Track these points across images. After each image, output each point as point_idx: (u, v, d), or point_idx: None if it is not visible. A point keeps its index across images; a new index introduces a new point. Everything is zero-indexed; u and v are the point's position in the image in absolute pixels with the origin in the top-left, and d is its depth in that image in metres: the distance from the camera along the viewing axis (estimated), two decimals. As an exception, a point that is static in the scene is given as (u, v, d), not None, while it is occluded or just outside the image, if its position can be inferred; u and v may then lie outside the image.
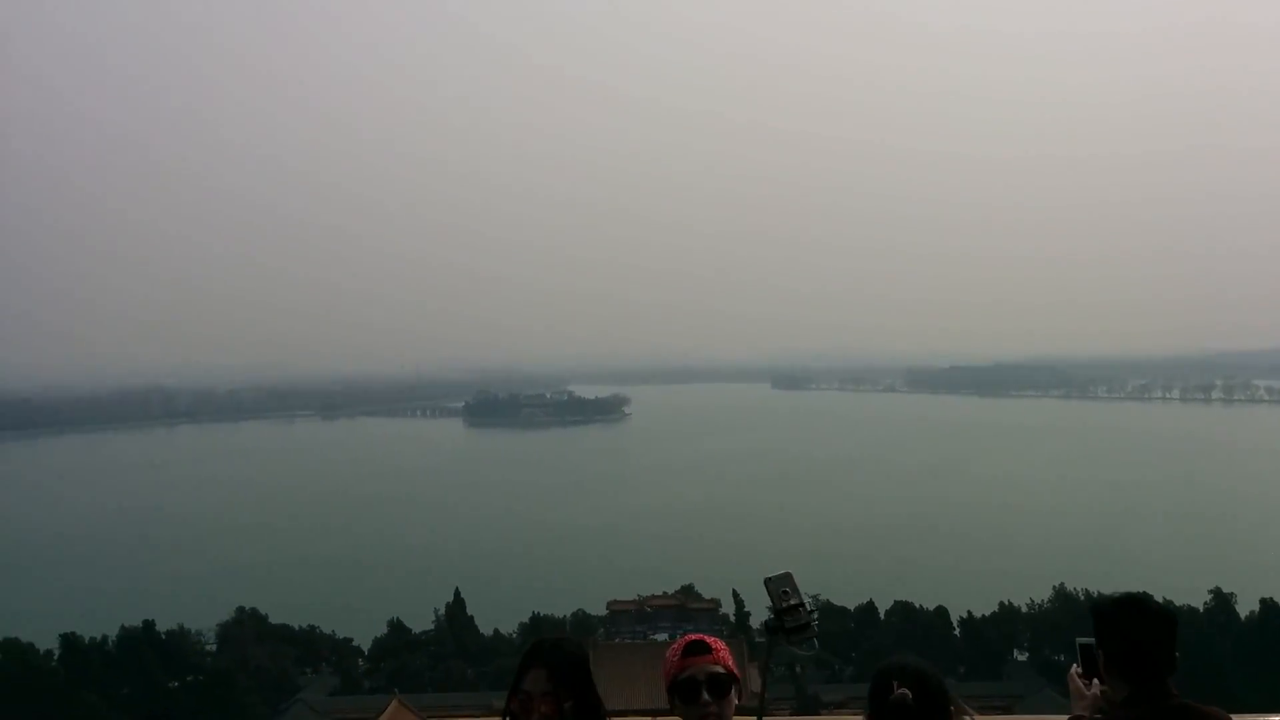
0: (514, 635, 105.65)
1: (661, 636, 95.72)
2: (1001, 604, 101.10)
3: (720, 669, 5.55)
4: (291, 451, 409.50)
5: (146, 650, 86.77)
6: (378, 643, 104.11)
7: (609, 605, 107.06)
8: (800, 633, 6.12)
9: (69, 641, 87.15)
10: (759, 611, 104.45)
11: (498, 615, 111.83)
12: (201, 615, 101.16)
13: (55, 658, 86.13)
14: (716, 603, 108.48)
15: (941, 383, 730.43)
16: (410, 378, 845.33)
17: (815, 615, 6.26)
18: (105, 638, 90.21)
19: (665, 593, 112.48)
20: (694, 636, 5.75)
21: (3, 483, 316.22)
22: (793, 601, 6.12)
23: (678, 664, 5.59)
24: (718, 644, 5.68)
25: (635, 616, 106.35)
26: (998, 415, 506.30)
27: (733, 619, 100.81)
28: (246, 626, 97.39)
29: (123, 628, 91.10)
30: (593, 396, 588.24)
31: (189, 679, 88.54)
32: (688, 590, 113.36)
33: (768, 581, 6.20)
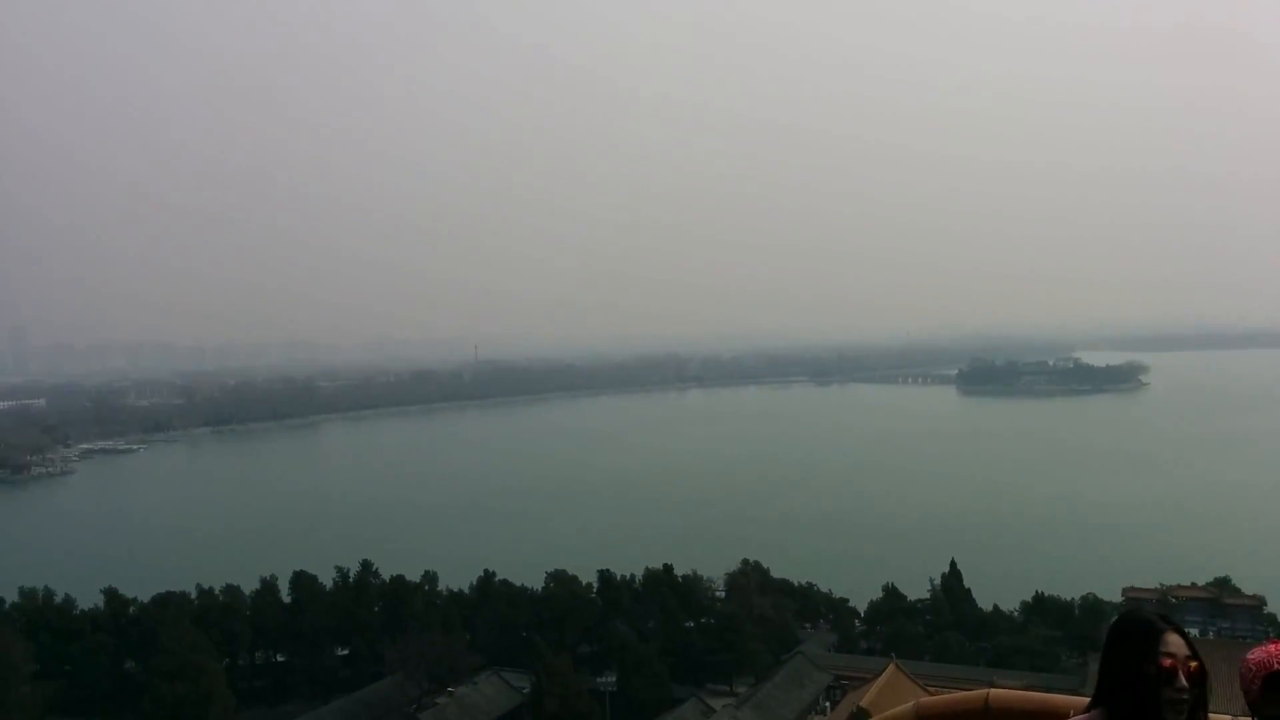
0: (1015, 613, 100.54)
1: (1191, 632, 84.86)
2: None
3: None
4: (785, 415, 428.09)
5: (666, 591, 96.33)
6: (873, 606, 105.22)
7: (1125, 592, 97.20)
8: None
9: (604, 576, 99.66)
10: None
11: (996, 591, 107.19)
12: (711, 564, 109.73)
13: (594, 589, 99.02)
14: (1260, 600, 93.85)
15: None
16: (902, 345, 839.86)
17: None
18: (633, 576, 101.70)
19: (1194, 584, 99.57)
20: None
21: (559, 434, 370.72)
22: None
23: (1256, 694, 4.89)
24: None
25: (1157, 607, 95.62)
26: None
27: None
28: (751, 578, 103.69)
29: (647, 569, 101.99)
30: (1103, 364, 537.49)
31: (702, 620, 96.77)
32: (1222, 583, 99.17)
33: None
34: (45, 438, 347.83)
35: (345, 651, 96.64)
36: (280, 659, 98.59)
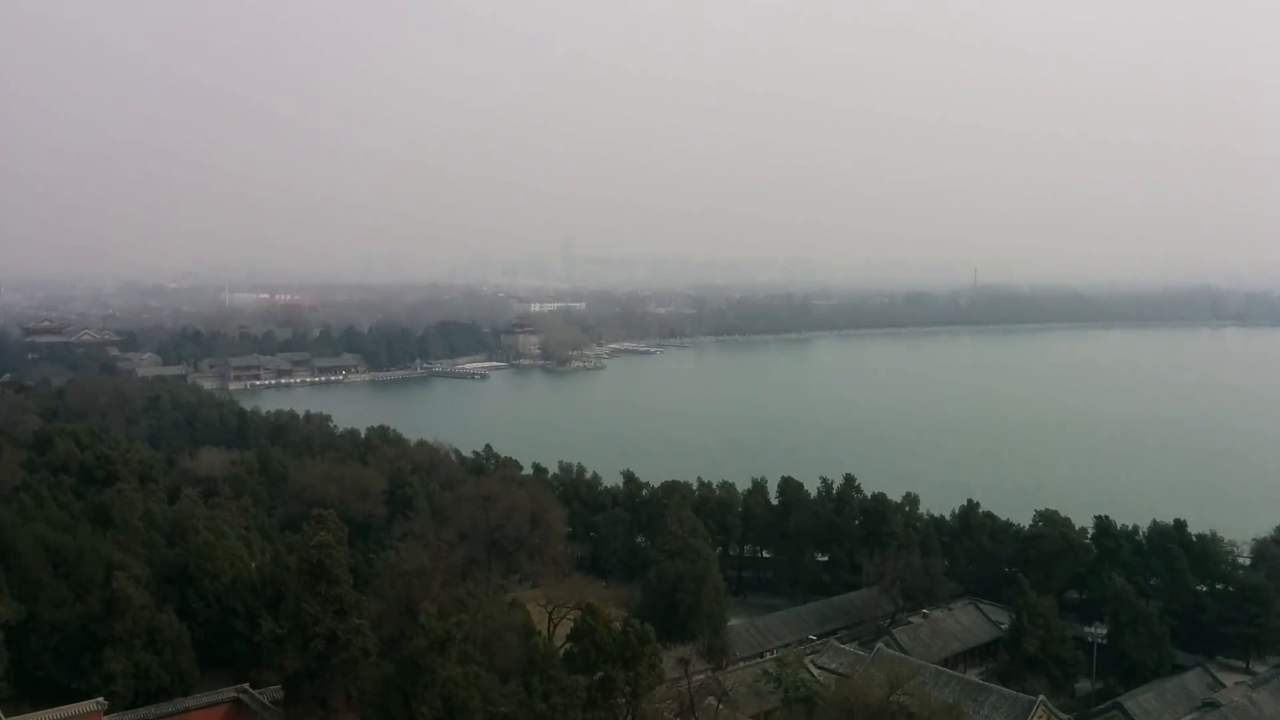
0: None
1: None
2: None
3: None
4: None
5: (1175, 549, 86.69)
6: None
7: None
8: None
9: (1102, 523, 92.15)
10: None
11: None
12: (1235, 526, 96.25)
13: (1088, 535, 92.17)
14: None
15: None
16: None
17: None
18: (1135, 527, 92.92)
19: None
20: None
21: (1059, 368, 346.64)
22: None
23: None
24: None
25: None
26: None
27: None
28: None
29: (1154, 522, 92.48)
30: None
31: (1217, 586, 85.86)
32: None
33: None
34: (584, 336, 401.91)
35: (825, 558, 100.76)
36: (766, 555, 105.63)
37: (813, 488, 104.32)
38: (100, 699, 50.75)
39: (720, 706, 51.74)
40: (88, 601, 57.27)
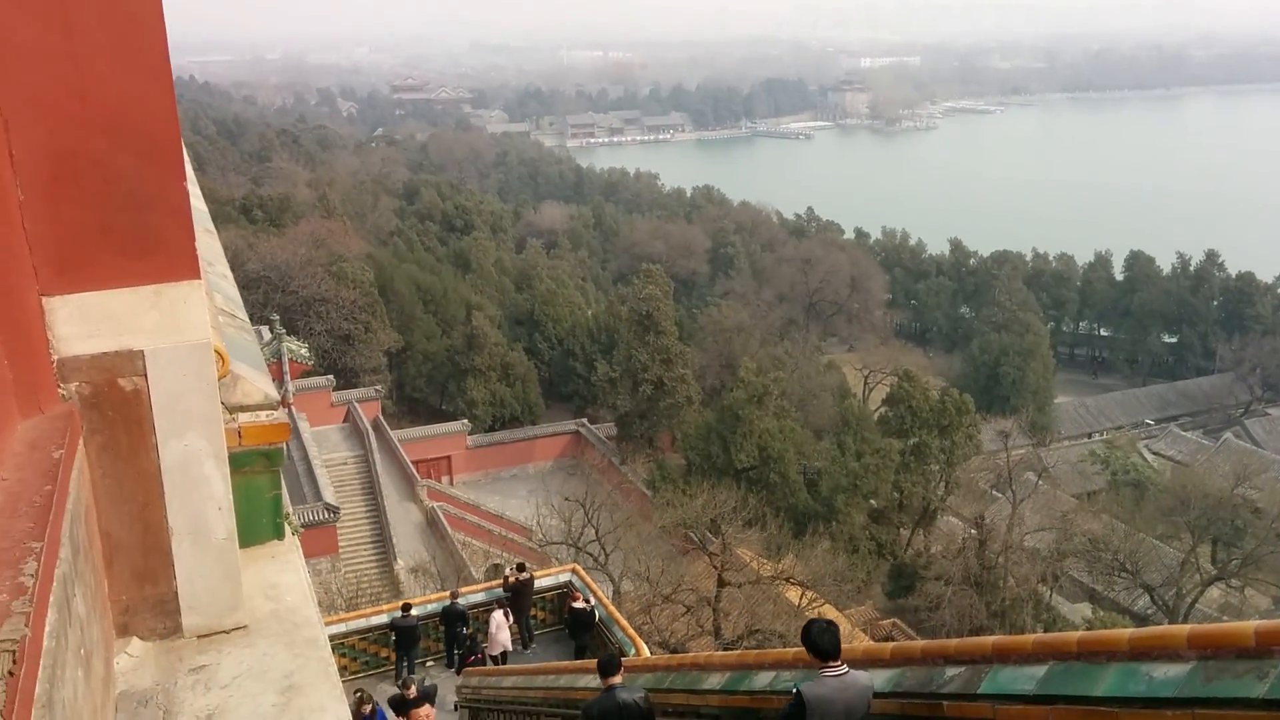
0: None
1: None
2: None
3: None
4: None
5: None
6: None
7: None
8: None
9: None
10: None
11: None
12: None
13: None
14: None
15: None
16: None
17: None
18: None
19: None
20: None
21: None
22: None
23: None
24: None
25: None
26: None
27: None
28: None
29: None
30: None
31: None
32: None
33: None
34: (916, 94, 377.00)
35: (1172, 339, 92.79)
36: (1103, 333, 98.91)
37: (1165, 263, 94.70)
38: (465, 421, 58.63)
39: (1040, 482, 50.68)
40: (452, 336, 65.11)
